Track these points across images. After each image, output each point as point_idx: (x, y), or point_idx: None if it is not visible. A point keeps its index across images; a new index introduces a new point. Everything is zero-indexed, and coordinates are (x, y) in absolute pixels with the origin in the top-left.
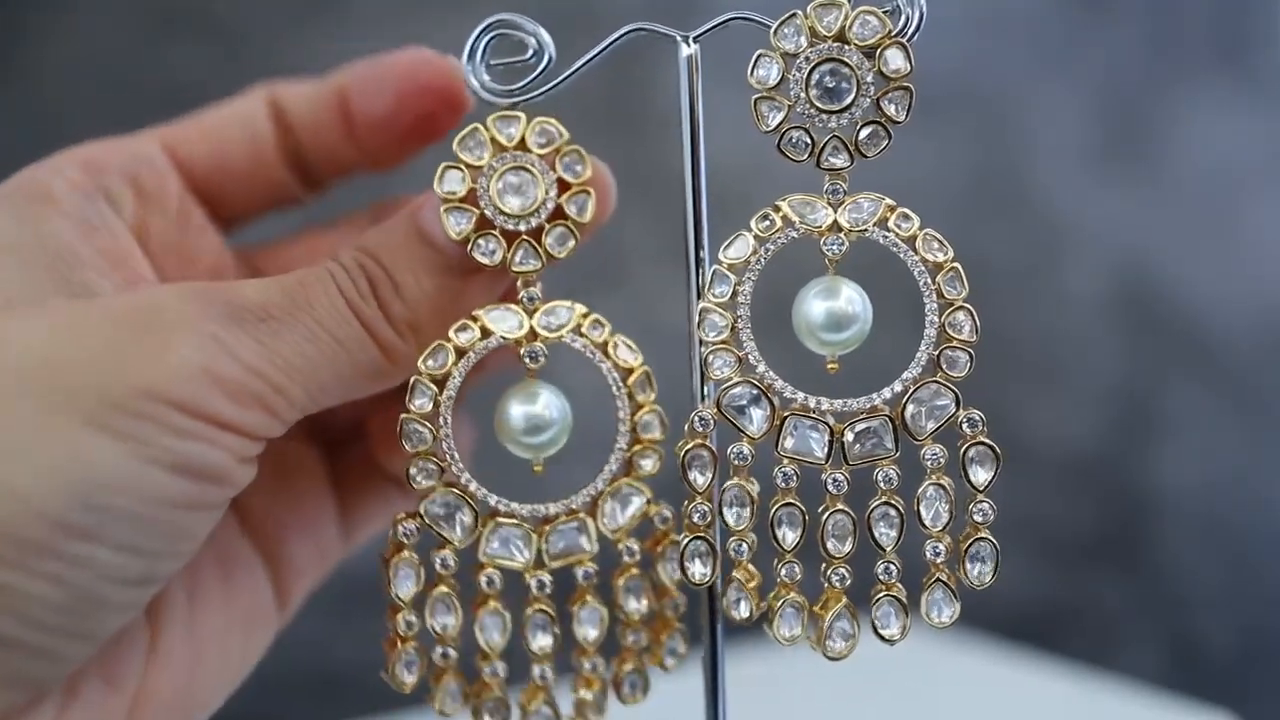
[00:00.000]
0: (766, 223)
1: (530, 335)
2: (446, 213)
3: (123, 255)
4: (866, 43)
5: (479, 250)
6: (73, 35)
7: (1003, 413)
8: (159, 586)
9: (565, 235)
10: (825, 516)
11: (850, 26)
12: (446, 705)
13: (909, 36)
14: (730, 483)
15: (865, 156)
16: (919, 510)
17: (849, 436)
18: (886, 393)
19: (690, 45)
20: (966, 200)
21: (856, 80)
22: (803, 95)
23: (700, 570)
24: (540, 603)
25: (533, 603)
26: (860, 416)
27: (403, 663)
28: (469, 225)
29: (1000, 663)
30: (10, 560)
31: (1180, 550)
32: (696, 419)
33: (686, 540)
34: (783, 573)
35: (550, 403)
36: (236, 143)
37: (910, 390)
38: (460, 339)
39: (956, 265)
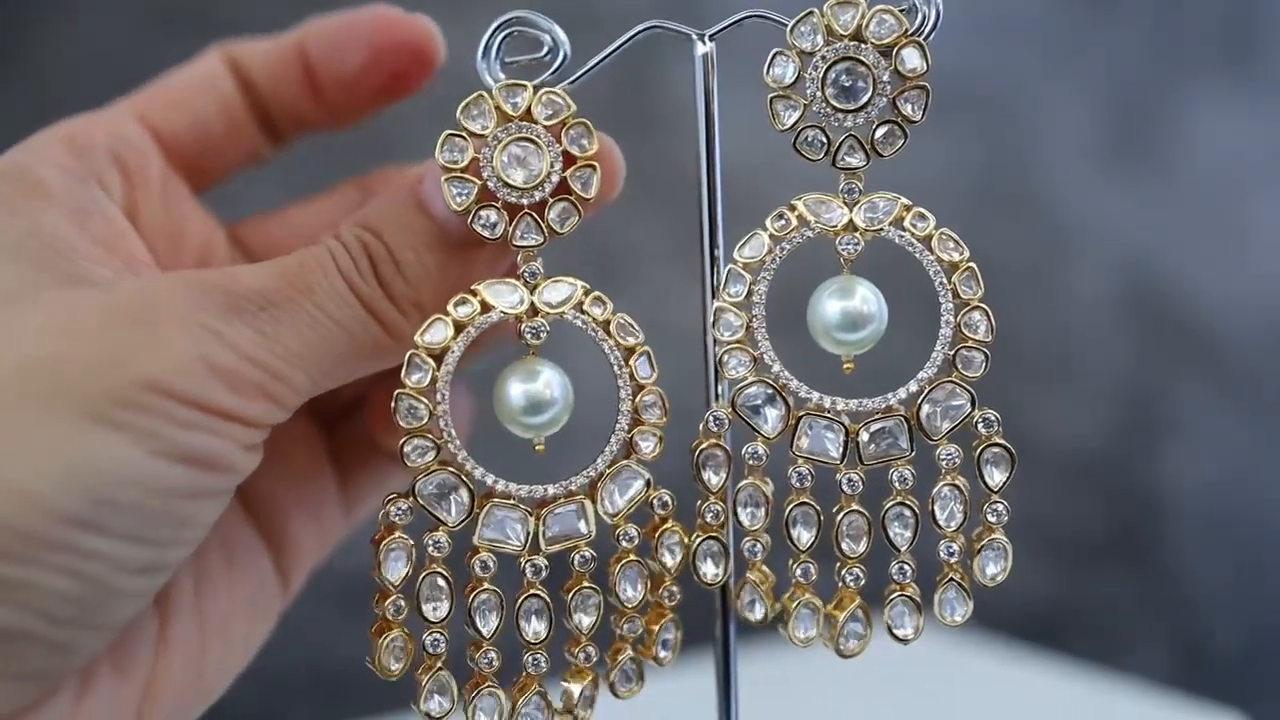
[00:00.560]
0: (781, 222)
1: (531, 311)
2: (447, 182)
3: (118, 239)
4: (883, 41)
5: (479, 222)
6: (75, 33)
7: (1009, 412)
8: (168, 575)
9: (568, 210)
10: (840, 516)
11: (867, 25)
12: (433, 701)
13: (926, 35)
14: (745, 482)
15: (881, 156)
16: (933, 510)
17: (864, 436)
18: (902, 393)
19: (706, 43)
20: (973, 200)
21: (873, 79)
22: (819, 94)
23: (712, 570)
24: (535, 588)
25: (527, 588)
26: (875, 416)
27: (390, 650)
28: (470, 196)
29: (1008, 662)
30: (21, 555)
31: (1188, 550)
32: (711, 418)
33: (699, 540)
34: (798, 573)
35: (551, 381)
36: (211, 109)
37: (926, 390)
38: (459, 313)
39: (972, 265)
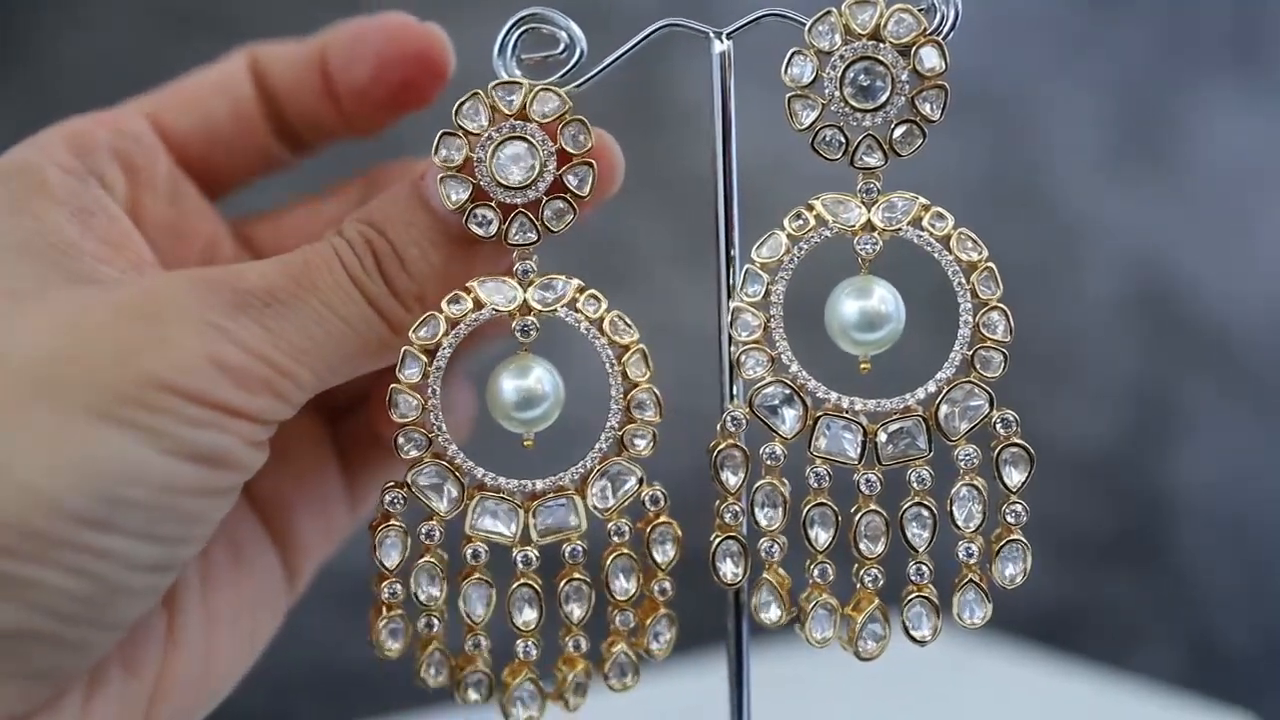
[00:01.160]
0: (799, 222)
1: (524, 308)
2: (443, 181)
3: (122, 239)
4: (901, 41)
5: (474, 220)
6: (88, 34)
7: (1019, 412)
8: (177, 572)
9: (564, 209)
10: (858, 517)
11: (885, 24)
12: (430, 670)
13: (944, 35)
14: (762, 482)
15: (899, 155)
16: (951, 511)
17: (882, 437)
18: (920, 393)
19: (723, 42)
20: (982, 200)
21: (891, 78)
22: (837, 93)
23: (731, 570)
24: (525, 577)
25: (518, 577)
26: (893, 417)
27: (387, 629)
28: (466, 195)
29: (1018, 662)
30: (31, 554)
31: (1198, 549)
32: (729, 419)
33: (718, 540)
34: (815, 574)
35: (542, 377)
36: (221, 111)
37: (944, 390)
38: (452, 310)
39: (991, 265)
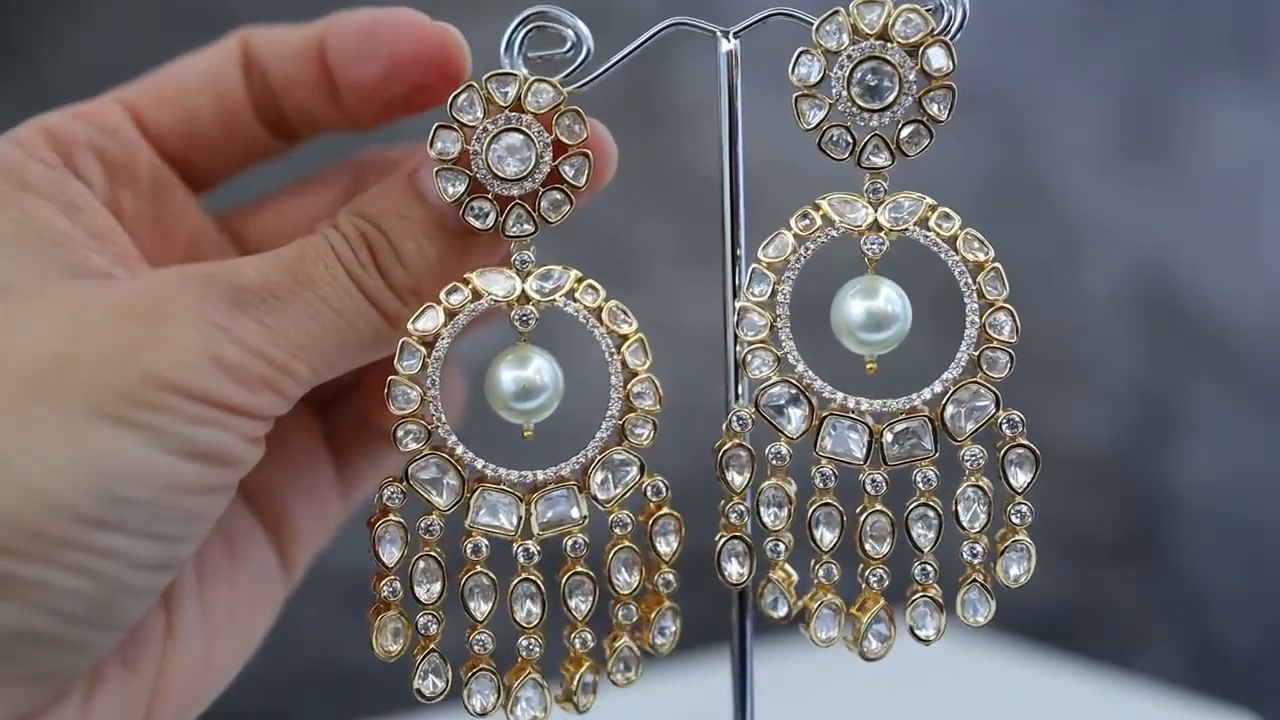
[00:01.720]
0: (806, 221)
1: (522, 299)
2: (438, 174)
3: (106, 233)
4: (909, 41)
5: (471, 213)
6: (90, 35)
7: (1022, 412)
8: (177, 570)
9: (560, 200)
10: (864, 517)
11: (893, 24)
12: (427, 681)
13: (952, 35)
14: (768, 483)
15: (906, 155)
16: (957, 511)
17: (888, 437)
18: (926, 393)
19: (730, 41)
20: (985, 199)
21: (899, 78)
22: (844, 93)
23: (737, 570)
24: (527, 572)
25: (520, 572)
26: (899, 417)
27: (387, 630)
28: (462, 188)
29: (1020, 663)
30: (35, 555)
31: (1200, 550)
32: (734, 418)
33: (723, 540)
34: (820, 573)
35: (542, 368)
36: (204, 106)
37: (950, 391)
38: (451, 301)
39: (997, 265)
